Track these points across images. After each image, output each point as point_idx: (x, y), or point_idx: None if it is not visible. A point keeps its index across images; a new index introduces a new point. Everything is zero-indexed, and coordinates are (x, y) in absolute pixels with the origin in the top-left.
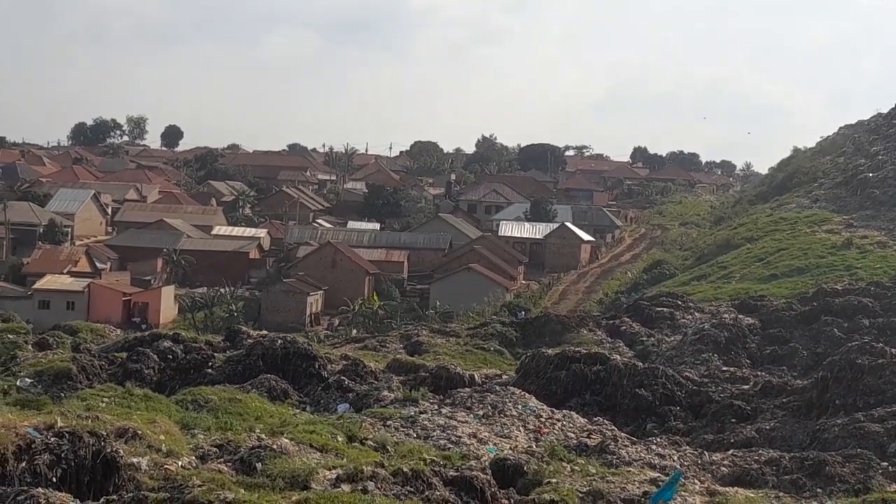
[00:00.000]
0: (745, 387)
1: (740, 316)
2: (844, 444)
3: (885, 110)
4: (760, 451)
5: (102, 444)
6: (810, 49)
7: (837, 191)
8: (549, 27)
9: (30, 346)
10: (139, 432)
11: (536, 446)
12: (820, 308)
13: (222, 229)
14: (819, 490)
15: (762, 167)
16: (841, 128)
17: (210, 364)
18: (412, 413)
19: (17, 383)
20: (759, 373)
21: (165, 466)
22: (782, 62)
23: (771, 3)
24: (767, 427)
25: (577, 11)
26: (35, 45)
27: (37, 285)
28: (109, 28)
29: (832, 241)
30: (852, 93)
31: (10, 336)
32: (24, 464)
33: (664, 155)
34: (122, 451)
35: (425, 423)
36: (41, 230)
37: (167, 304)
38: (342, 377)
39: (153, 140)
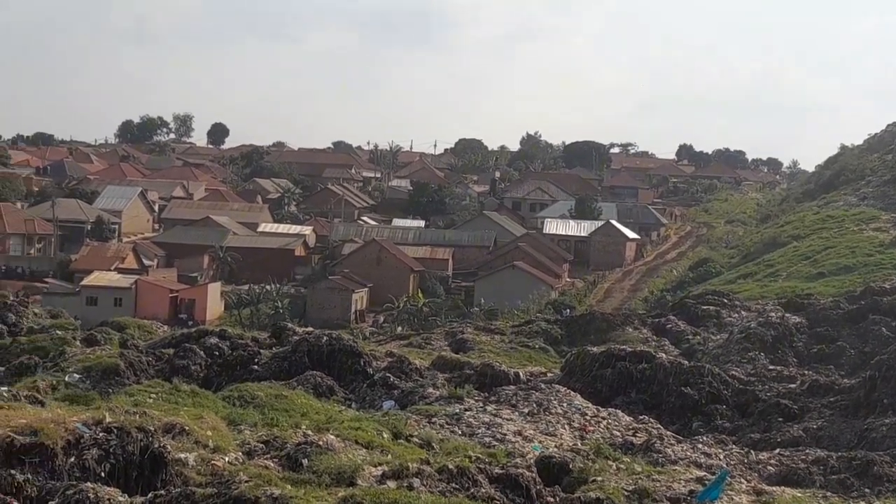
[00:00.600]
0: (792, 386)
1: (787, 314)
2: (892, 443)
3: None
4: (807, 451)
5: (150, 439)
6: (857, 44)
7: (885, 188)
8: (592, 24)
9: (78, 343)
10: (186, 428)
11: (582, 444)
12: (868, 306)
13: (268, 226)
14: (867, 490)
15: (809, 165)
16: (889, 125)
17: (256, 360)
18: (457, 410)
19: (66, 379)
20: (805, 372)
21: (212, 462)
22: (829, 58)
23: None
24: (814, 426)
25: (620, 8)
26: (83, 44)
27: (85, 282)
28: (156, 26)
29: (880, 239)
30: None
31: (59, 332)
32: (73, 459)
33: (710, 152)
34: (169, 447)
35: (470, 420)
36: (89, 227)
37: (213, 300)
38: (387, 374)
39: (199, 137)
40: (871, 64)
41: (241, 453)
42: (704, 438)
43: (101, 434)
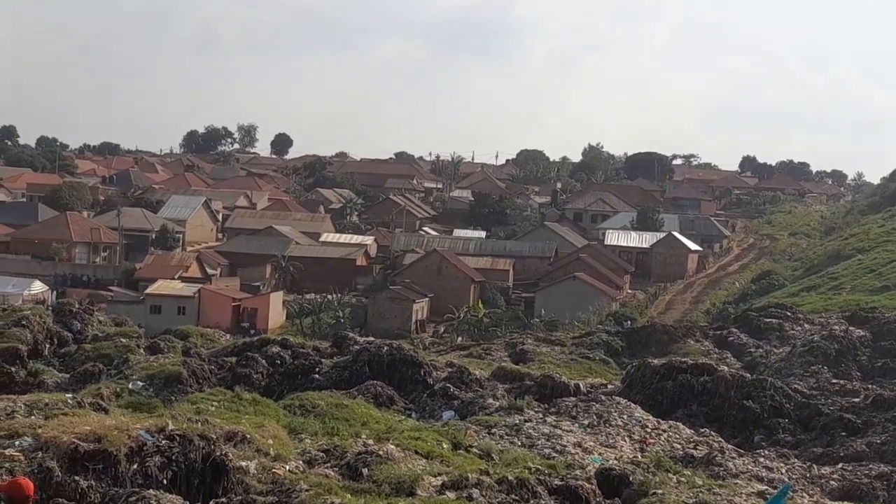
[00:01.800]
0: (856, 400)
1: (851, 328)
2: None
3: None
4: (871, 466)
5: (212, 447)
6: None
7: None
8: (655, 35)
9: (142, 350)
10: (248, 436)
11: (642, 457)
12: None
13: (330, 236)
14: None
15: (874, 177)
16: None
17: (317, 369)
18: (517, 421)
19: (129, 386)
20: (869, 386)
21: (273, 470)
22: (893, 69)
23: (881, 8)
24: (878, 441)
25: (683, 19)
26: (149, 54)
27: (149, 290)
28: (222, 36)
29: None
30: None
31: (123, 340)
32: (135, 466)
33: (773, 164)
34: (230, 455)
35: (530, 431)
36: (153, 236)
37: (275, 309)
38: (447, 384)
39: (263, 148)
40: None
41: (301, 462)
42: (766, 452)
43: (163, 441)
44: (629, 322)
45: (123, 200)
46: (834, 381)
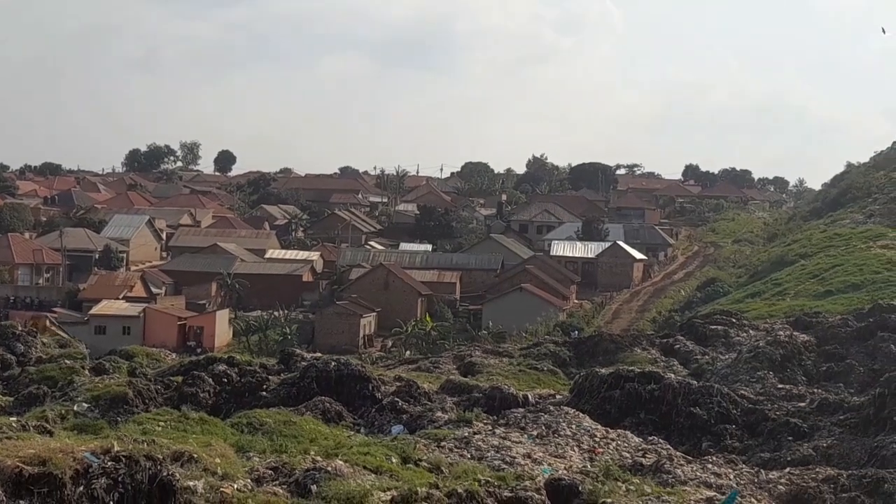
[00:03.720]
0: (802, 404)
1: (795, 333)
2: None
3: None
4: (818, 469)
5: (159, 467)
6: (863, 63)
7: (892, 206)
8: (599, 46)
9: (87, 371)
10: (195, 456)
11: (591, 466)
12: (876, 324)
13: (275, 253)
14: None
15: (815, 183)
16: (895, 142)
17: (265, 387)
18: (466, 434)
19: (74, 408)
20: (815, 390)
21: (221, 489)
22: (835, 76)
23: (822, 18)
24: (824, 445)
25: (628, 29)
26: (91, 73)
27: (93, 311)
28: (165, 54)
29: (888, 257)
30: None
31: (68, 361)
32: (81, 488)
33: (716, 172)
34: (178, 475)
35: (479, 443)
36: (97, 256)
37: (222, 327)
38: (396, 399)
39: (206, 165)
40: (877, 83)
41: (249, 480)
42: (714, 458)
43: (109, 463)
44: (576, 332)
45: (66, 221)
46: (780, 386)
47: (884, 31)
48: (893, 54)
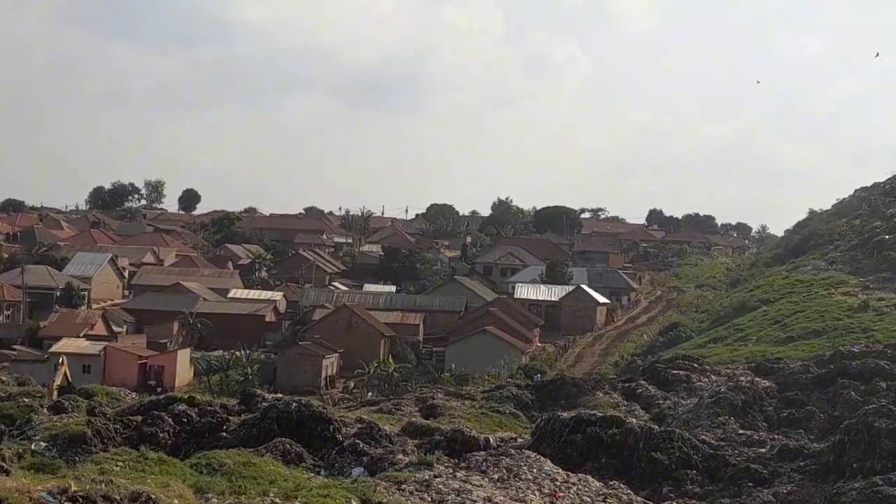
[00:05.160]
0: (762, 450)
1: (757, 378)
2: None
3: None
4: None
5: None
6: (825, 110)
7: (854, 253)
8: (565, 90)
9: (45, 410)
10: (153, 497)
11: None
12: (837, 371)
13: (238, 292)
14: None
15: (778, 229)
16: (857, 190)
17: (225, 427)
18: (427, 476)
19: (32, 447)
20: (775, 436)
21: None
22: (798, 123)
23: (784, 65)
24: (784, 491)
25: (593, 74)
26: (54, 111)
27: (53, 349)
28: (130, 92)
29: (849, 304)
30: (868, 154)
31: (26, 399)
32: None
33: (680, 217)
34: None
35: (440, 486)
36: (58, 294)
37: (183, 367)
38: (357, 440)
39: (171, 204)
40: (839, 131)
41: None
42: (675, 503)
43: (66, 503)
44: (539, 375)
45: (27, 258)
46: (741, 431)
47: (877, 55)
48: (855, 102)
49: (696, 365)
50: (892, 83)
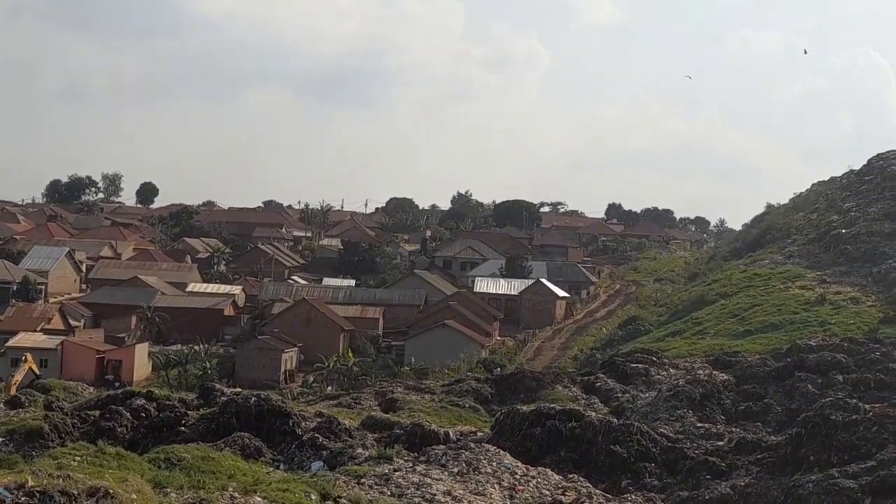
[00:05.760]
0: (720, 443)
1: (715, 372)
2: (819, 500)
3: (857, 167)
4: None
5: (73, 503)
6: (783, 106)
7: (811, 247)
8: (524, 84)
9: (1, 405)
10: (111, 491)
11: None
12: (794, 364)
13: (197, 286)
14: None
15: (736, 223)
16: (814, 184)
17: (183, 422)
18: (386, 471)
19: None
20: (733, 429)
21: None
22: (756, 118)
23: (742, 61)
24: (742, 483)
25: (553, 68)
26: (11, 103)
27: (10, 343)
28: (87, 85)
29: (806, 297)
30: (825, 150)
31: None
32: None
33: (639, 211)
34: None
35: (399, 480)
36: (15, 287)
37: (141, 361)
38: (316, 435)
39: (128, 197)
40: (796, 126)
41: None
42: (633, 496)
43: (23, 498)
44: (498, 369)
45: None
46: (699, 424)
47: (805, 52)
48: (812, 97)
49: (654, 358)
50: (849, 81)
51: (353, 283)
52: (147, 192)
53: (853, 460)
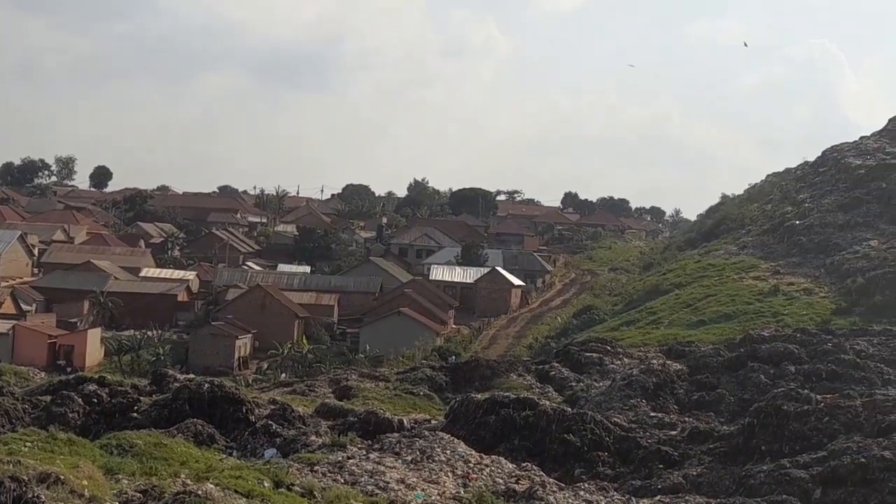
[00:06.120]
0: (673, 432)
1: (668, 361)
2: (770, 490)
3: (811, 159)
4: (687, 497)
5: (24, 489)
6: (741, 96)
7: (765, 238)
8: (482, 71)
9: None
10: (62, 477)
11: (465, 492)
12: (747, 354)
13: (150, 271)
14: None
15: (691, 213)
16: (769, 175)
17: (136, 408)
18: (340, 458)
19: None
20: (686, 418)
21: None
22: (713, 108)
23: (698, 51)
24: (694, 473)
25: (510, 55)
26: None
27: None
28: (41, 66)
29: (759, 288)
30: (781, 141)
31: None
32: None
33: (594, 200)
34: (43, 497)
35: (353, 468)
36: None
37: (93, 346)
38: (270, 422)
39: (82, 181)
40: (753, 116)
41: (118, 503)
42: (586, 485)
43: None
44: (453, 357)
45: None
46: (652, 414)
47: (745, 45)
48: (767, 88)
49: (609, 348)
50: (806, 73)
51: (308, 269)
52: (101, 175)
53: (804, 450)
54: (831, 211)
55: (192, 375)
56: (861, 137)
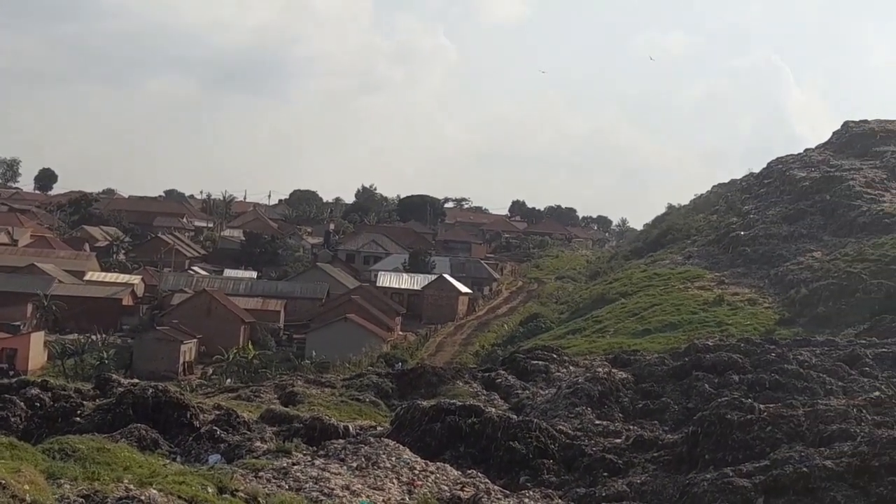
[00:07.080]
0: (618, 441)
1: (614, 370)
2: (713, 498)
3: (756, 170)
4: None
5: None
6: (686, 107)
7: (710, 248)
8: (431, 78)
9: None
10: (3, 482)
11: (409, 499)
12: (691, 363)
13: (95, 275)
14: None
15: (637, 223)
16: (714, 186)
17: (79, 412)
18: (284, 464)
19: None
20: (631, 427)
21: None
22: (659, 119)
23: (643, 62)
24: (638, 481)
25: (459, 63)
26: None
27: None
28: None
29: (704, 298)
30: (726, 152)
31: None
32: None
33: (542, 209)
34: None
35: (298, 474)
36: None
37: (36, 350)
38: (214, 427)
39: (26, 183)
40: (696, 127)
41: None
42: (531, 493)
43: None
44: (400, 364)
45: None
46: (597, 422)
47: (651, 59)
48: (714, 99)
49: (555, 356)
50: (751, 84)
51: (254, 275)
52: (46, 178)
53: (747, 459)
54: (776, 222)
55: (136, 380)
56: (806, 150)
